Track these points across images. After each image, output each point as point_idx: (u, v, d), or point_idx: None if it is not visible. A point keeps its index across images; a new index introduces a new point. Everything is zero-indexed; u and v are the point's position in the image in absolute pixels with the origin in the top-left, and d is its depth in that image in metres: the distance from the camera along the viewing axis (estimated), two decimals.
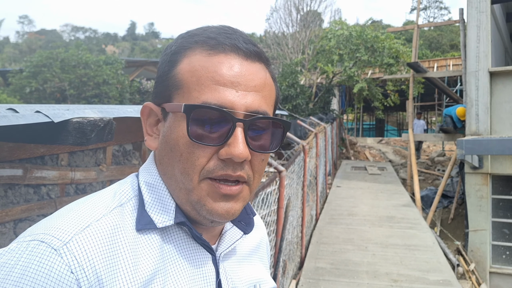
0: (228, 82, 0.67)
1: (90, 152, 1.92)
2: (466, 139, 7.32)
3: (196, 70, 0.68)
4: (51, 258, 0.57)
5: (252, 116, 0.67)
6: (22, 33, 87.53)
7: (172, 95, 0.70)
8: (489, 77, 8.31)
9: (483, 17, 8.46)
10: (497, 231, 8.10)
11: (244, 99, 0.67)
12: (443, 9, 57.95)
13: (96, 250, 0.61)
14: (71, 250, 0.59)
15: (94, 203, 0.68)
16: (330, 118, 13.20)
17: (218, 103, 0.65)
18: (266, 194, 3.55)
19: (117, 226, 0.66)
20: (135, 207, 0.70)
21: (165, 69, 0.72)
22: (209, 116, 0.66)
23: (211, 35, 0.70)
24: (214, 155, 0.67)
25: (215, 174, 0.67)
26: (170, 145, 0.69)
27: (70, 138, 1.19)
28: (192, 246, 0.73)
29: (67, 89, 14.46)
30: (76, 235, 0.60)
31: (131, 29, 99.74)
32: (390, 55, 14.51)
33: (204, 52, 0.69)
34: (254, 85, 0.69)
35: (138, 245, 0.67)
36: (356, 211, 8.32)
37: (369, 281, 5.18)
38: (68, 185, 1.78)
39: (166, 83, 0.71)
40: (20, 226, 1.55)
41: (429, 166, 14.45)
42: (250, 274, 0.84)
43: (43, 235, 0.60)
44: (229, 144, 0.66)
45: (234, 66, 0.68)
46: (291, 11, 25.44)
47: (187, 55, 0.70)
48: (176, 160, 0.68)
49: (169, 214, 0.70)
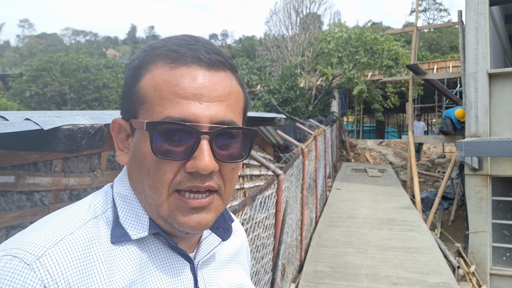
0: (190, 95, 0.66)
1: (85, 158, 1.91)
2: (466, 141, 7.32)
3: (158, 85, 0.67)
4: (23, 273, 0.57)
5: (217, 127, 0.67)
6: (22, 37, 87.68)
7: (137, 111, 0.69)
8: (488, 79, 8.31)
9: (481, 19, 8.47)
10: (497, 233, 8.08)
11: (208, 110, 0.67)
12: (443, 11, 57.99)
13: (69, 263, 0.60)
14: (44, 264, 0.58)
15: (68, 216, 0.67)
16: (330, 121, 13.19)
17: (181, 116, 0.65)
18: (264, 197, 3.55)
19: (92, 239, 0.65)
20: (109, 219, 0.70)
21: (129, 84, 0.71)
22: (173, 130, 0.66)
23: (173, 48, 0.69)
24: (181, 168, 0.67)
25: (183, 186, 0.67)
26: (138, 160, 0.69)
27: (61, 145, 1.19)
28: (169, 255, 0.73)
29: (67, 93, 14.48)
30: (49, 249, 0.60)
31: (131, 33, 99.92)
32: (389, 57, 14.52)
33: (166, 66, 0.68)
34: (218, 95, 0.68)
35: (113, 257, 0.66)
36: (356, 214, 8.30)
37: (368, 284, 5.17)
38: (62, 191, 1.78)
39: (131, 99, 0.70)
40: (12, 233, 1.54)
41: (429, 168, 14.43)
42: (230, 280, 0.85)
43: (16, 250, 0.59)
44: (194, 157, 0.66)
45: (196, 78, 0.67)
46: (291, 14, 25.48)
47: (150, 69, 0.69)
48: (144, 175, 0.68)
49: (143, 226, 0.70)
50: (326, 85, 16.33)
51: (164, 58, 0.69)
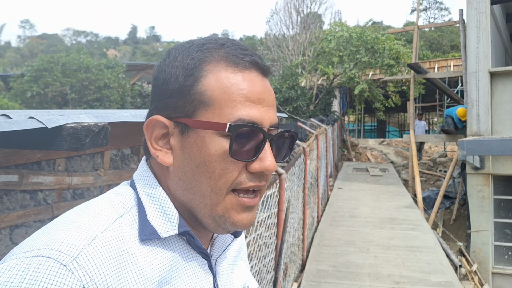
0: (256, 99, 0.69)
1: (88, 157, 1.91)
2: (467, 140, 7.31)
3: (226, 87, 0.68)
4: (61, 274, 0.54)
5: (275, 130, 0.72)
6: (23, 38, 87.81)
7: (197, 111, 0.69)
8: (489, 78, 8.30)
9: (482, 17, 8.46)
10: (499, 232, 8.07)
11: (268, 114, 0.71)
12: (443, 10, 57.94)
13: (105, 263, 0.59)
14: (81, 265, 0.56)
15: (93, 214, 0.65)
16: (331, 120, 13.18)
17: (251, 119, 0.68)
18: (266, 197, 3.54)
19: (122, 237, 0.65)
20: (135, 218, 0.69)
21: (186, 83, 0.69)
22: (246, 132, 0.68)
23: (230, 51, 0.71)
24: (243, 169, 0.70)
25: (244, 186, 0.70)
26: (196, 161, 0.69)
27: (65, 144, 1.19)
28: (191, 254, 0.74)
29: (69, 93, 14.49)
30: (84, 249, 0.58)
31: (132, 33, 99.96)
32: (390, 56, 14.51)
33: (229, 69, 0.70)
34: (272, 99, 0.74)
35: (143, 255, 0.66)
36: (357, 213, 8.30)
37: (371, 283, 5.16)
38: (66, 190, 1.78)
39: (190, 98, 0.69)
40: (16, 232, 1.54)
41: (430, 167, 14.42)
42: (239, 276, 0.87)
43: (48, 251, 0.56)
44: (261, 158, 0.69)
45: (258, 83, 0.71)
46: (292, 13, 25.45)
47: (212, 71, 0.69)
48: (205, 177, 0.68)
49: (173, 224, 0.71)
50: (327, 84, 16.32)
51: (226, 61, 0.70)
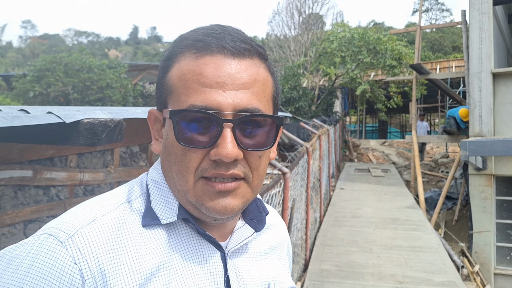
0: (213, 83, 0.67)
1: (98, 154, 1.93)
2: (470, 141, 7.31)
3: (183, 74, 0.69)
4: (56, 249, 0.62)
5: (241, 115, 0.67)
6: (25, 38, 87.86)
7: (167, 101, 0.72)
8: (492, 78, 8.30)
9: (485, 18, 8.46)
10: (501, 233, 8.07)
11: (231, 98, 0.67)
12: (445, 11, 57.94)
13: (99, 243, 0.64)
14: (75, 242, 0.63)
15: (104, 200, 0.72)
16: (333, 120, 13.19)
17: (204, 105, 0.66)
18: (270, 196, 3.55)
19: (122, 221, 0.69)
20: (142, 203, 0.73)
21: (160, 75, 0.74)
22: (196, 119, 0.67)
23: (199, 37, 0.70)
24: (206, 156, 0.69)
25: (208, 173, 0.68)
26: (167, 149, 0.72)
27: (81, 139, 1.20)
28: (198, 242, 0.75)
29: (71, 93, 14.52)
30: (81, 228, 0.65)
31: (133, 33, 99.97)
32: (392, 57, 14.50)
33: (191, 56, 0.69)
34: (243, 82, 0.69)
35: (143, 240, 0.69)
36: (360, 213, 8.30)
37: (374, 283, 5.17)
38: (77, 186, 1.79)
39: (161, 89, 0.73)
40: (30, 227, 1.56)
41: (432, 168, 14.43)
42: (265, 272, 0.84)
43: (52, 229, 0.65)
44: (217, 145, 0.67)
45: (220, 66, 0.68)
46: (293, 14, 25.45)
47: (177, 60, 0.71)
48: (172, 162, 0.71)
49: (173, 211, 0.73)
50: (329, 85, 16.33)
51: (190, 49, 0.70)
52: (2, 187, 1.49)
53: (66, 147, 1.69)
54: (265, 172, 0.76)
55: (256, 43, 0.75)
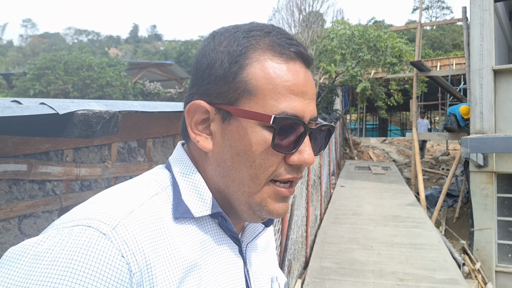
0: (299, 92, 0.69)
1: (95, 149, 1.90)
2: (471, 138, 7.29)
3: (271, 78, 0.68)
4: (100, 242, 0.56)
5: (314, 123, 0.72)
6: (25, 37, 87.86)
7: (240, 99, 0.69)
8: (493, 75, 8.27)
9: (486, 15, 8.43)
10: (502, 230, 8.05)
11: (309, 107, 0.71)
12: (445, 8, 57.87)
13: (143, 234, 0.61)
14: (120, 234, 0.59)
15: (131, 191, 0.68)
16: (333, 118, 13.17)
17: (294, 112, 0.68)
18: None
19: (158, 213, 0.66)
20: (169, 196, 0.71)
21: (231, 70, 0.69)
22: (290, 126, 0.68)
23: (276, 40, 0.70)
24: (282, 160, 0.70)
25: (283, 177, 0.70)
26: (237, 150, 0.69)
27: (76, 131, 1.18)
28: (223, 237, 0.75)
29: (71, 91, 14.50)
30: (123, 219, 0.60)
31: (133, 32, 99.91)
32: (393, 54, 14.44)
33: (275, 59, 0.69)
34: (313, 92, 0.73)
35: (178, 232, 0.68)
36: (360, 211, 8.29)
37: (375, 280, 5.15)
38: (73, 181, 1.77)
39: (235, 86, 0.69)
40: (25, 222, 1.53)
41: (433, 166, 14.40)
42: (268, 267, 0.87)
43: (88, 220, 0.59)
44: (300, 151, 0.69)
45: (302, 74, 0.70)
46: (294, 12, 25.41)
47: (257, 59, 0.69)
48: (245, 165, 0.69)
49: (206, 204, 0.72)
50: (329, 82, 16.29)
51: (272, 50, 0.70)
52: None
53: (62, 141, 1.67)
54: None
55: None
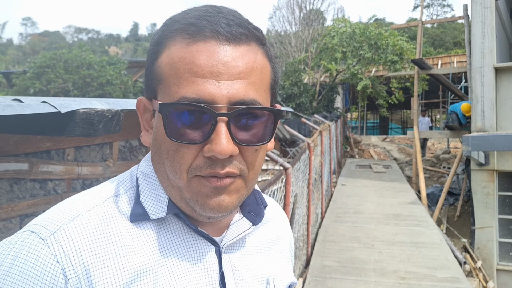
0: (207, 73, 0.61)
1: (97, 147, 1.89)
2: (473, 135, 7.27)
3: (174, 62, 0.63)
4: (37, 247, 0.59)
5: (236, 108, 0.62)
6: (25, 35, 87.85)
7: (156, 90, 0.66)
8: (494, 73, 8.25)
9: (487, 12, 8.41)
10: (503, 228, 8.04)
11: (226, 89, 0.61)
12: (446, 6, 57.79)
13: (84, 240, 0.61)
14: (57, 239, 0.60)
15: (90, 194, 0.69)
16: (334, 117, 13.17)
17: (197, 97, 0.60)
18: (272, 191, 3.52)
19: (109, 216, 0.65)
20: (131, 197, 0.69)
21: (149, 62, 0.68)
22: (189, 112, 0.61)
23: (191, 20, 0.64)
24: (200, 152, 0.63)
25: (203, 172, 0.63)
26: (158, 142, 0.66)
27: (77, 129, 1.16)
28: (191, 237, 0.70)
29: (71, 90, 14.48)
30: (64, 225, 0.61)
31: (133, 30, 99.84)
32: (394, 52, 14.45)
33: (183, 42, 0.63)
34: (239, 72, 0.63)
35: (131, 236, 0.65)
36: (361, 209, 8.27)
37: (376, 279, 5.14)
38: (75, 180, 1.76)
39: (150, 77, 0.67)
40: (26, 221, 1.52)
41: (434, 164, 14.39)
42: (264, 267, 0.80)
43: (35, 226, 0.62)
44: (211, 140, 0.61)
45: (214, 54, 0.62)
46: (294, 10, 25.40)
47: (168, 46, 0.65)
48: (164, 158, 0.65)
49: (162, 206, 0.68)
50: (330, 81, 16.28)
51: (182, 33, 0.64)
52: None
53: (63, 140, 1.65)
54: (262, 165, 0.71)
55: (254, 26, 0.68)
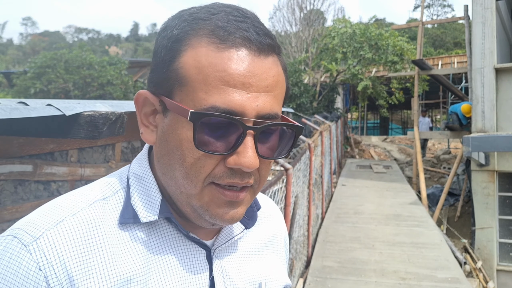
0: (238, 83, 0.59)
1: (99, 149, 1.90)
2: (473, 136, 7.27)
3: (203, 67, 0.60)
4: (20, 254, 0.57)
5: (263, 122, 0.61)
6: (25, 35, 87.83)
7: (174, 90, 0.62)
8: (494, 74, 8.26)
9: (488, 13, 8.41)
10: (504, 229, 8.05)
11: (256, 102, 0.61)
12: (447, 6, 57.80)
13: (67, 246, 0.59)
14: (40, 246, 0.58)
15: (76, 197, 0.65)
16: (334, 117, 13.17)
17: (227, 107, 0.59)
18: (273, 192, 3.53)
19: (95, 221, 0.62)
20: (120, 200, 0.67)
21: (166, 58, 0.63)
22: (218, 122, 0.60)
23: (219, 24, 0.61)
24: (221, 162, 0.62)
25: (222, 181, 0.62)
26: (171, 145, 0.63)
27: (82, 132, 1.17)
28: (181, 242, 0.69)
29: (72, 90, 14.48)
30: (47, 230, 0.59)
31: (134, 30, 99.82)
32: (394, 52, 14.44)
33: (212, 45, 0.60)
34: (266, 85, 0.62)
35: (119, 241, 0.64)
36: (362, 210, 8.28)
37: (377, 279, 5.15)
38: (78, 181, 1.77)
39: (167, 75, 0.63)
40: None
41: (434, 164, 14.40)
42: (257, 271, 0.79)
43: (18, 230, 0.60)
44: (238, 152, 0.60)
45: (247, 65, 0.60)
46: (294, 10, 25.41)
47: (192, 46, 0.61)
48: (178, 163, 0.63)
49: (154, 209, 0.66)
50: (331, 81, 16.28)
51: (210, 36, 0.61)
52: (2, 182, 1.46)
53: (66, 142, 1.67)
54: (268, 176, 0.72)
55: (274, 36, 0.67)
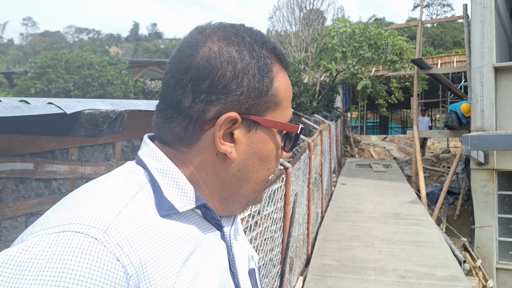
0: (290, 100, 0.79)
1: (100, 147, 1.92)
2: (472, 135, 7.29)
3: (286, 90, 0.76)
4: (93, 248, 0.54)
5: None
6: (26, 35, 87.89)
7: (268, 110, 0.74)
8: (494, 73, 8.27)
9: (487, 12, 8.43)
10: (503, 227, 8.06)
11: None
12: (446, 6, 57.81)
13: (135, 235, 0.60)
14: (112, 237, 0.56)
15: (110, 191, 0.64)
16: (334, 116, 13.18)
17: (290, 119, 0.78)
18: (272, 190, 3.55)
19: (144, 212, 0.64)
20: (150, 194, 0.69)
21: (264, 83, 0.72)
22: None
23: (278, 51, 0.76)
24: None
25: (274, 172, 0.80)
26: (260, 156, 0.75)
27: (82, 130, 1.20)
28: (207, 226, 0.76)
29: (72, 89, 14.51)
30: (112, 222, 0.58)
31: (134, 30, 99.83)
32: (393, 52, 14.46)
33: (283, 71, 0.76)
34: None
35: (166, 229, 0.67)
36: (361, 208, 8.30)
37: (376, 277, 5.17)
38: (79, 179, 1.79)
39: (266, 99, 0.73)
40: (31, 220, 1.55)
41: (434, 163, 14.41)
42: (245, 246, 0.89)
43: (75, 225, 0.56)
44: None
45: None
46: (294, 10, 25.41)
47: (277, 71, 0.75)
48: (264, 168, 0.77)
49: (189, 198, 0.71)
50: (330, 80, 16.30)
51: (281, 61, 0.76)
52: (3, 180, 1.48)
53: (67, 140, 1.69)
54: None
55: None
